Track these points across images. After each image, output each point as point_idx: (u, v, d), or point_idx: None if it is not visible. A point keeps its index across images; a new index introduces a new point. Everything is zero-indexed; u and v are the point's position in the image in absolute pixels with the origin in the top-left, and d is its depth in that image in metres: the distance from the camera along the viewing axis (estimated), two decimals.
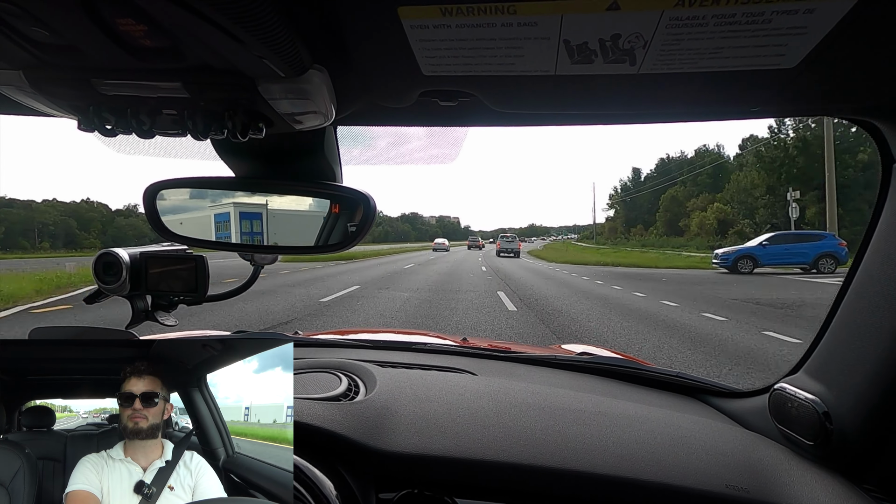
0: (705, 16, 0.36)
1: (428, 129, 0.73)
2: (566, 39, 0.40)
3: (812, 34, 0.38)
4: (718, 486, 0.59)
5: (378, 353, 1.09)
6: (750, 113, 0.58)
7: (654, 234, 51.96)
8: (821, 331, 0.68)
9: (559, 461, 0.62)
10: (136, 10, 0.32)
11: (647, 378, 1.00)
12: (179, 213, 0.75)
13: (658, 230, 52.46)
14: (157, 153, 0.71)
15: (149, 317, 0.80)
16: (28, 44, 0.38)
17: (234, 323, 5.85)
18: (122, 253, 0.76)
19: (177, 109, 0.47)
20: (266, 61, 0.39)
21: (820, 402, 0.64)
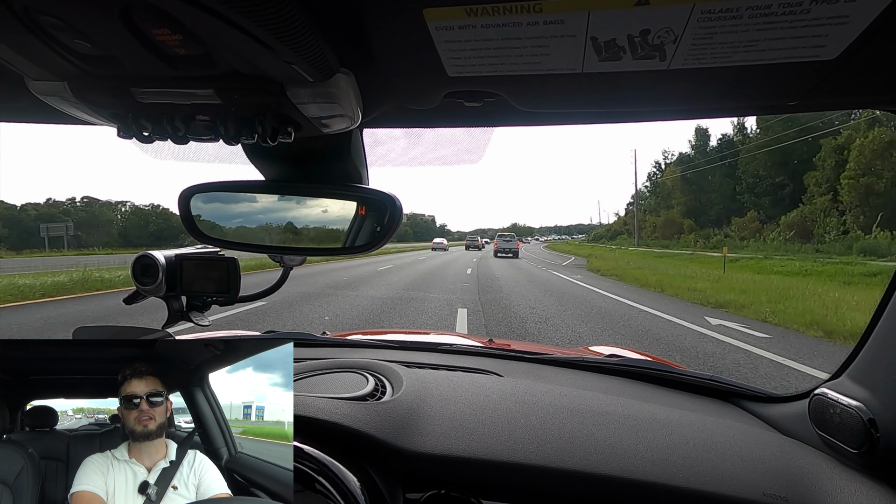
0: (739, 8, 0.35)
1: (452, 130, 0.73)
2: (594, 37, 0.39)
3: (854, 23, 0.36)
4: (755, 494, 0.57)
5: (404, 353, 1.09)
6: (787, 107, 0.56)
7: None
8: (865, 334, 0.65)
9: (587, 465, 0.61)
10: (171, 21, 0.34)
11: (679, 381, 0.98)
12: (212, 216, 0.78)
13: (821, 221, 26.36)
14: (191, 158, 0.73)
15: (184, 317, 0.82)
16: (71, 55, 0.39)
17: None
18: (159, 255, 0.78)
19: (209, 115, 0.49)
20: (294, 66, 0.40)
21: (865, 408, 0.61)
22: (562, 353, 1.18)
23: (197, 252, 0.81)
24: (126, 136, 0.50)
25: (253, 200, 0.76)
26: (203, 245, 0.80)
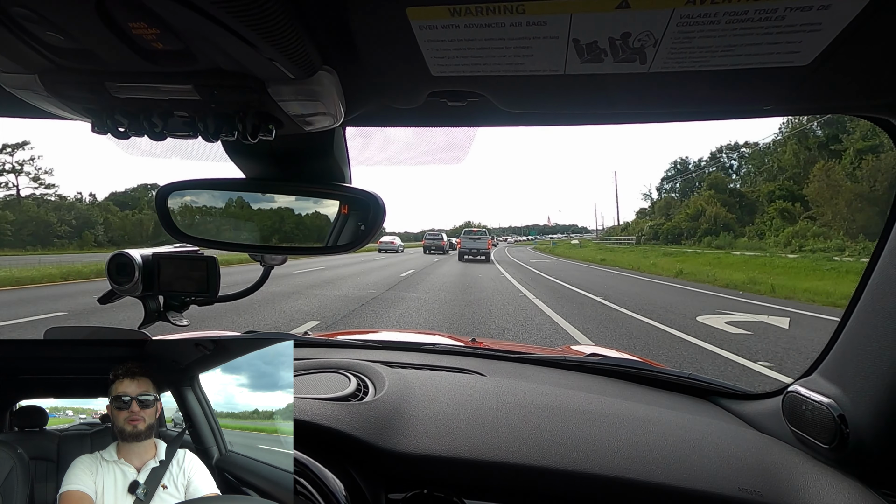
0: (717, 13, 0.36)
1: (436, 130, 0.73)
2: (575, 39, 0.40)
3: (827, 31, 0.37)
4: (731, 489, 0.58)
5: (387, 353, 1.09)
6: (762, 112, 0.58)
7: None
8: (836, 333, 0.67)
9: (568, 463, 0.62)
10: (148, 14, 0.33)
11: (658, 379, 0.99)
12: (191, 214, 0.76)
13: None
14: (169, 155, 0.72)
15: (161, 317, 0.81)
16: (43, 48, 0.38)
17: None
18: (135, 254, 0.76)
19: (188, 112, 0.48)
20: (276, 63, 0.40)
21: (835, 404, 0.63)
22: (544, 353, 1.19)
23: (175, 251, 0.80)
24: (101, 132, 0.49)
25: (233, 199, 0.75)
26: (181, 244, 0.79)
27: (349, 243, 0.69)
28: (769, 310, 7.85)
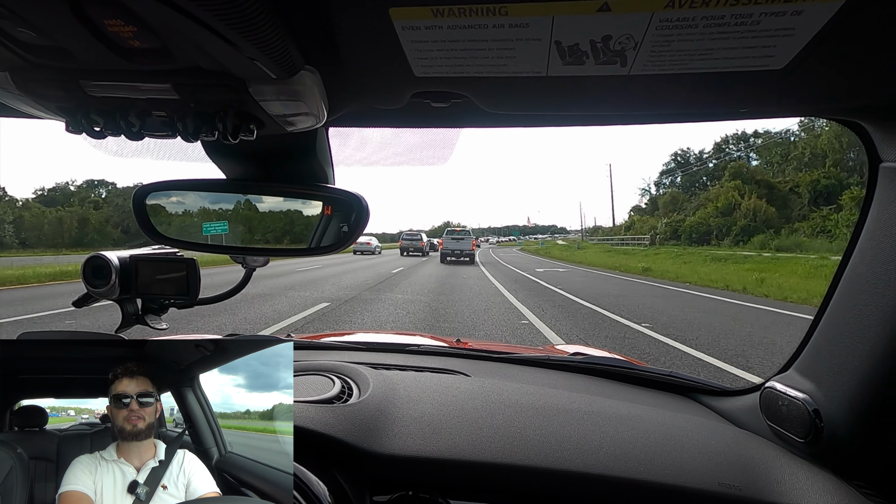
0: (695, 17, 0.36)
1: (420, 131, 0.73)
2: (557, 41, 0.40)
3: (800, 36, 0.39)
4: (711, 484, 0.59)
5: (371, 355, 1.09)
6: (739, 114, 0.59)
7: None
8: (810, 329, 0.69)
9: (553, 461, 0.62)
10: (124, 11, 0.32)
11: (640, 378, 1.01)
12: (169, 216, 0.75)
13: None
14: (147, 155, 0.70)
15: (139, 321, 0.79)
16: (14, 45, 0.37)
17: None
18: (112, 256, 0.75)
19: (167, 111, 0.47)
20: (257, 63, 0.39)
21: (810, 399, 0.64)
22: (528, 353, 1.20)
23: (154, 253, 0.78)
24: (76, 132, 0.47)
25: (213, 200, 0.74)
26: (159, 246, 0.77)
27: (332, 244, 0.68)
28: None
